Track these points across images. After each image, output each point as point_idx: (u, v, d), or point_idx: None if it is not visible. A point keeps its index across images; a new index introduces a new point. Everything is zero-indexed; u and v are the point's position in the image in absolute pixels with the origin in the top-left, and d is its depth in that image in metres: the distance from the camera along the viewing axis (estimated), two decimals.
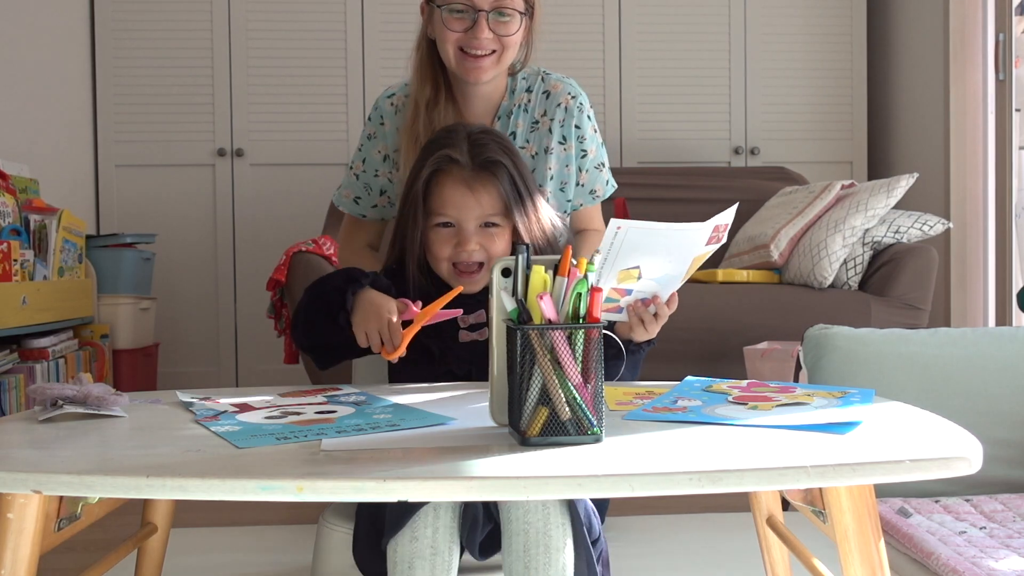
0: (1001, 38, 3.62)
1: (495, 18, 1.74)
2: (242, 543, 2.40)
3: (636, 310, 1.41)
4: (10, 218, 2.96)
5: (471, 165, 1.59)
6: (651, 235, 1.28)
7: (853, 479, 0.97)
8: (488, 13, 1.73)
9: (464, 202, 1.58)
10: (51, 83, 3.79)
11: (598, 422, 1.07)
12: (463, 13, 1.75)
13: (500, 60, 1.77)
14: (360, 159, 1.91)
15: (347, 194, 1.92)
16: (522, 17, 1.77)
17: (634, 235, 1.26)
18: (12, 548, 1.05)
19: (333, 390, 1.45)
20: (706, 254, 1.39)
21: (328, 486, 0.93)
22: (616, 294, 1.38)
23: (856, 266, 3.23)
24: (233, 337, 4.23)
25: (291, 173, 4.23)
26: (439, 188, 1.59)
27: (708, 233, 1.34)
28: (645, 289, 1.39)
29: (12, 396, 2.85)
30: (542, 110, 1.85)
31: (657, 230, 1.28)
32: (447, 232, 1.59)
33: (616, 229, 1.25)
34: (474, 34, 1.74)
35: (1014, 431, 1.69)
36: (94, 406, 1.26)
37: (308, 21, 4.21)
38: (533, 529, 1.28)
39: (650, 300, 1.41)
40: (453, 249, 1.58)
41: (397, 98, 1.88)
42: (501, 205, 1.59)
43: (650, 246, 1.30)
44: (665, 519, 2.51)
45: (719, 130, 4.37)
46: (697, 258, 1.38)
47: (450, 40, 1.76)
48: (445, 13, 1.76)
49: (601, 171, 1.91)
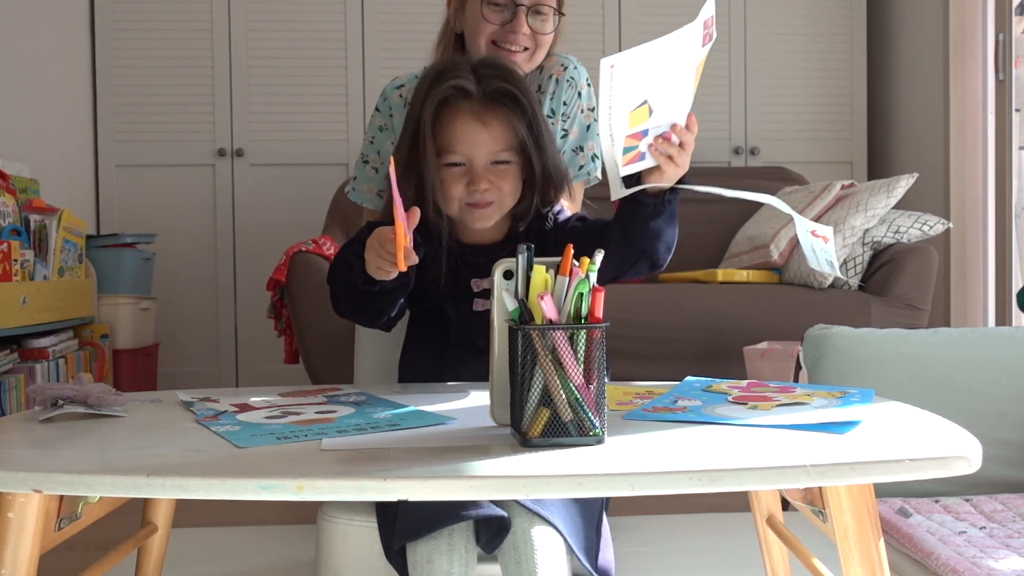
0: (1001, 38, 3.62)
1: (533, 15, 1.73)
2: (242, 543, 2.40)
3: (660, 148, 1.35)
4: (10, 218, 2.96)
5: (481, 96, 1.48)
6: (646, 58, 1.22)
7: (853, 479, 0.97)
8: (528, 8, 1.73)
9: (476, 137, 1.48)
10: (51, 83, 3.79)
11: (600, 423, 1.07)
12: (502, 7, 1.73)
13: (532, 58, 1.76)
14: (374, 151, 1.86)
15: (369, 189, 1.87)
16: (556, 16, 1.77)
17: (629, 66, 1.21)
18: (12, 548, 1.05)
19: (333, 390, 1.45)
20: (704, 58, 1.34)
21: (328, 486, 0.94)
22: (633, 140, 1.30)
23: (856, 266, 3.23)
24: (233, 337, 4.23)
25: (291, 173, 4.23)
26: (449, 123, 1.49)
27: (700, 32, 1.28)
28: (661, 123, 1.32)
29: (12, 396, 2.85)
30: (536, 84, 1.82)
31: (649, 50, 1.22)
32: (458, 171, 1.50)
33: (610, 68, 1.19)
34: (512, 28, 1.73)
35: (1014, 431, 1.69)
36: (94, 406, 1.26)
37: (308, 21, 4.21)
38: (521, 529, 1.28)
39: (669, 133, 1.34)
40: (465, 189, 1.50)
41: (406, 89, 1.83)
42: (513, 138, 1.49)
43: (649, 72, 1.23)
44: (665, 519, 2.51)
45: (719, 130, 4.37)
46: (698, 66, 1.32)
47: (485, 32, 1.74)
48: (484, 5, 1.74)
49: (578, 155, 1.84)
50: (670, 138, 1.35)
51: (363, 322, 1.62)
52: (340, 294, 1.54)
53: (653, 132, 1.34)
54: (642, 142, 1.33)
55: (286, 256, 3.03)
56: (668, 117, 1.33)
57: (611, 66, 1.20)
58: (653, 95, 1.27)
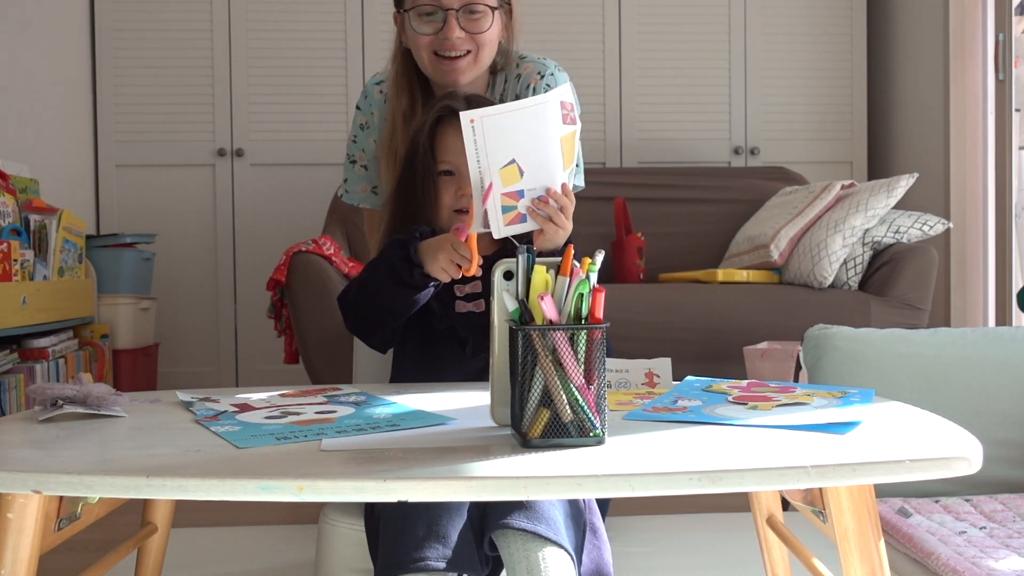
0: (1001, 38, 3.62)
1: (465, 16, 1.69)
2: (242, 543, 2.40)
3: (539, 208, 1.41)
4: (10, 218, 2.96)
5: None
6: (505, 119, 1.32)
7: (853, 479, 0.97)
8: (457, 12, 1.68)
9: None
10: (51, 83, 3.79)
11: (600, 424, 1.07)
12: (432, 15, 1.69)
13: (477, 60, 1.72)
14: (359, 150, 1.86)
15: (363, 188, 1.86)
16: (494, 12, 1.71)
17: (489, 124, 1.31)
18: (12, 548, 1.05)
19: (333, 390, 1.45)
20: (571, 136, 1.40)
21: (328, 486, 0.93)
22: (510, 200, 1.39)
23: (856, 266, 3.23)
24: (233, 337, 4.23)
25: (291, 173, 4.23)
26: (440, 137, 1.59)
27: (558, 110, 1.36)
28: (534, 185, 1.40)
29: (12, 396, 2.85)
30: (513, 95, 1.80)
31: (506, 111, 1.32)
32: (449, 180, 1.60)
33: (470, 122, 1.30)
34: (445, 35, 1.68)
35: (1014, 431, 1.69)
36: (94, 406, 1.26)
37: (308, 21, 4.21)
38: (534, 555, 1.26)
39: (546, 196, 1.41)
40: (454, 196, 1.59)
41: (386, 85, 1.83)
42: None
43: (511, 133, 1.33)
44: (665, 519, 2.51)
45: (719, 130, 4.37)
46: (565, 139, 1.38)
47: (422, 44, 1.71)
48: (414, 17, 1.70)
49: None
50: (548, 201, 1.41)
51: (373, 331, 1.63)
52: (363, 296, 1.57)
53: (529, 194, 1.41)
54: (520, 203, 1.40)
55: (286, 256, 3.03)
56: (540, 181, 1.40)
57: (471, 120, 1.31)
58: (520, 157, 1.36)
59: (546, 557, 1.24)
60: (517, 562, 1.25)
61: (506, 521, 1.25)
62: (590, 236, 3.66)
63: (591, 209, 3.55)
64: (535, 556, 1.24)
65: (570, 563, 1.27)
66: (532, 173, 1.38)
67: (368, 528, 1.39)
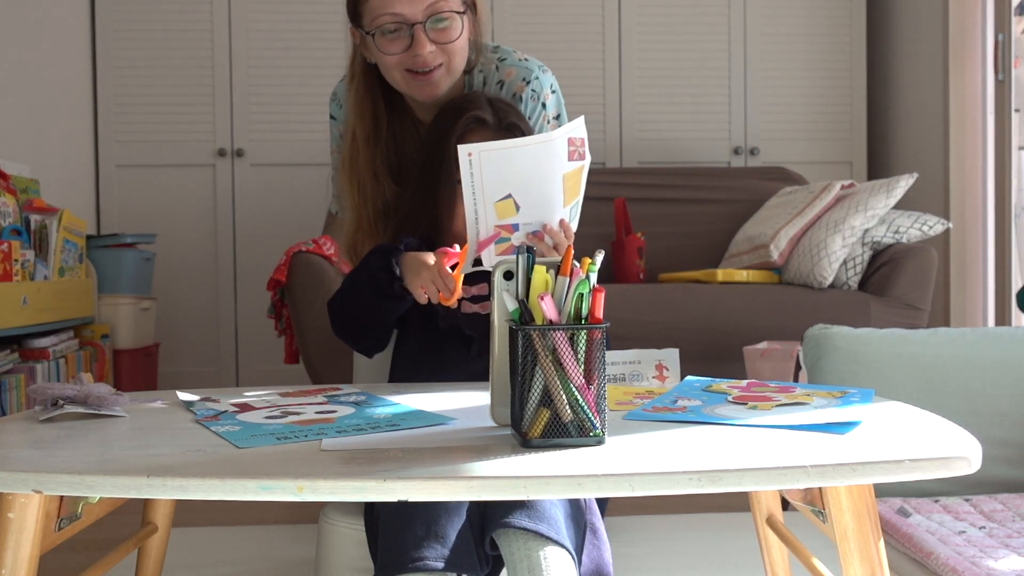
0: (1001, 38, 3.62)
1: (433, 26, 1.59)
2: (242, 543, 2.40)
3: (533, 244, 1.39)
4: (11, 218, 2.96)
5: (498, 126, 1.60)
6: (505, 155, 1.30)
7: (853, 479, 0.97)
8: (424, 24, 1.59)
9: None
10: (51, 83, 3.79)
11: (600, 424, 1.07)
12: (397, 32, 1.60)
13: (451, 69, 1.65)
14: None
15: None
16: (462, 17, 1.63)
17: (488, 158, 1.29)
18: (12, 548, 1.05)
19: (333, 390, 1.45)
20: (577, 172, 1.37)
21: (328, 486, 0.94)
22: (505, 232, 1.37)
23: (856, 266, 3.23)
24: (233, 337, 4.23)
25: (291, 173, 4.23)
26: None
27: (564, 147, 1.33)
28: (531, 220, 1.38)
29: (12, 396, 2.85)
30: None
31: (508, 148, 1.30)
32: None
33: (467, 155, 1.28)
34: (415, 51, 1.60)
35: (1014, 431, 1.69)
36: (94, 406, 1.26)
37: (308, 21, 4.21)
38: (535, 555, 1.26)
39: (542, 232, 1.39)
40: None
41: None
42: None
43: (511, 169, 1.31)
44: (665, 519, 2.51)
45: (719, 130, 4.37)
46: (568, 176, 1.36)
47: (392, 64, 1.63)
48: (379, 38, 1.61)
49: None
50: (543, 237, 1.38)
51: (357, 337, 1.64)
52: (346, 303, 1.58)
53: (524, 228, 1.39)
54: (514, 236, 1.39)
55: (286, 256, 3.03)
56: (537, 216, 1.38)
57: (468, 154, 1.28)
58: (518, 192, 1.34)
59: (547, 556, 1.24)
60: (518, 561, 1.25)
61: (507, 520, 1.25)
62: (590, 236, 3.65)
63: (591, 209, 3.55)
64: (536, 555, 1.24)
65: (571, 562, 1.27)
66: (529, 209, 1.36)
67: (368, 528, 1.39)
